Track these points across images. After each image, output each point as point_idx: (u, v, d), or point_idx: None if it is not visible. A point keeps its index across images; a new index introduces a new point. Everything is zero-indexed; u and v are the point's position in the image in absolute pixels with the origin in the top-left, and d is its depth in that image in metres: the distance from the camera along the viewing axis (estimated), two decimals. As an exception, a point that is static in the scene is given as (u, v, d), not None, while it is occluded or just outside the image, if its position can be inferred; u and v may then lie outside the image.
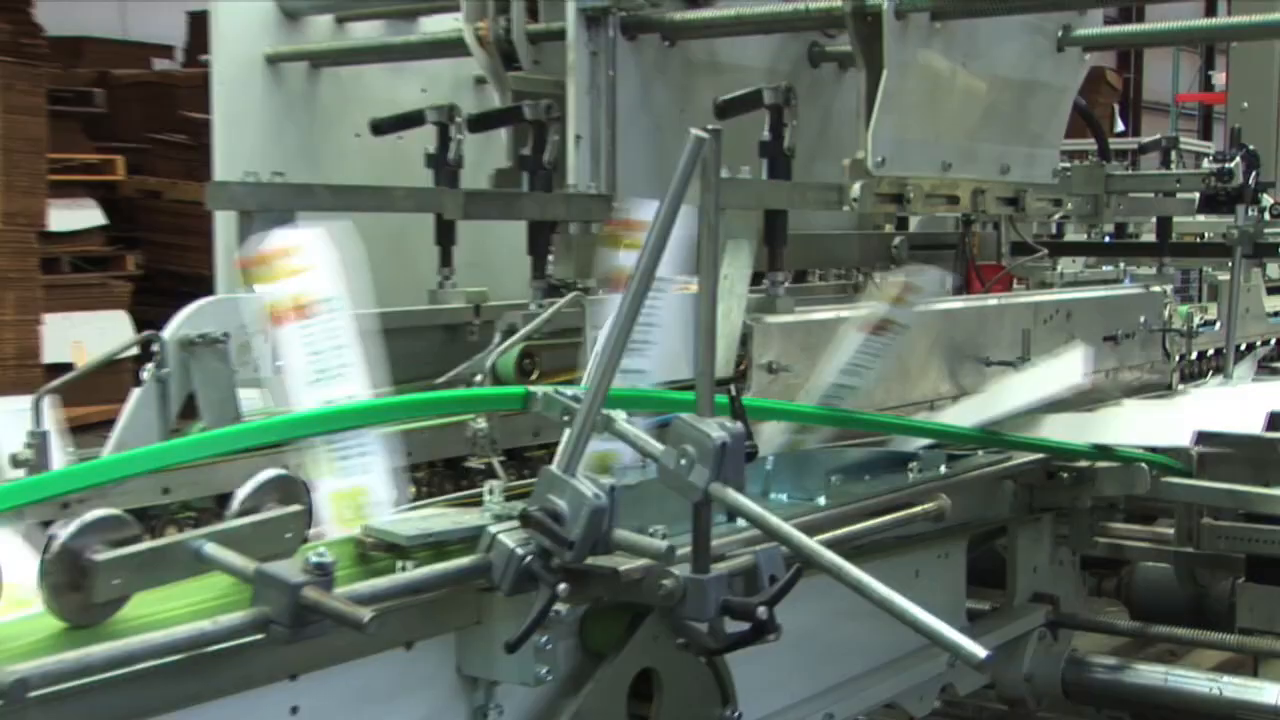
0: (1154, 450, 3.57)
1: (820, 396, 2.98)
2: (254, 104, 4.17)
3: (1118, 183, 5.29)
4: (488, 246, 4.11)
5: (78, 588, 1.88)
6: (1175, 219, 6.03)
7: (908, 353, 3.39)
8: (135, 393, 3.11)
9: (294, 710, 2.08)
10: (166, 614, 1.96)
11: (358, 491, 2.36)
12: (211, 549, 1.99)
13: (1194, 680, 3.93)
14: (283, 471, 2.16)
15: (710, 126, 2.20)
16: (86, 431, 3.38)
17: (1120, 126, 17.60)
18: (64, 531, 1.87)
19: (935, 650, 3.19)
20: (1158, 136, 6.71)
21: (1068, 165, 4.78)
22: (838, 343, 2.97)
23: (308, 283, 2.38)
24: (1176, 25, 4.90)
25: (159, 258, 11.34)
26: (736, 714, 2.57)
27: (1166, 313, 4.57)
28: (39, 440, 2.81)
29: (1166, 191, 5.79)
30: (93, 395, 3.71)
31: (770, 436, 2.95)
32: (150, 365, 3.12)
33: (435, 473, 3.35)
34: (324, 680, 2.11)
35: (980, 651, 2.11)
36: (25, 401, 2.87)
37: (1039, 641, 3.89)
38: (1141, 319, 4.37)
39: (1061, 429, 3.51)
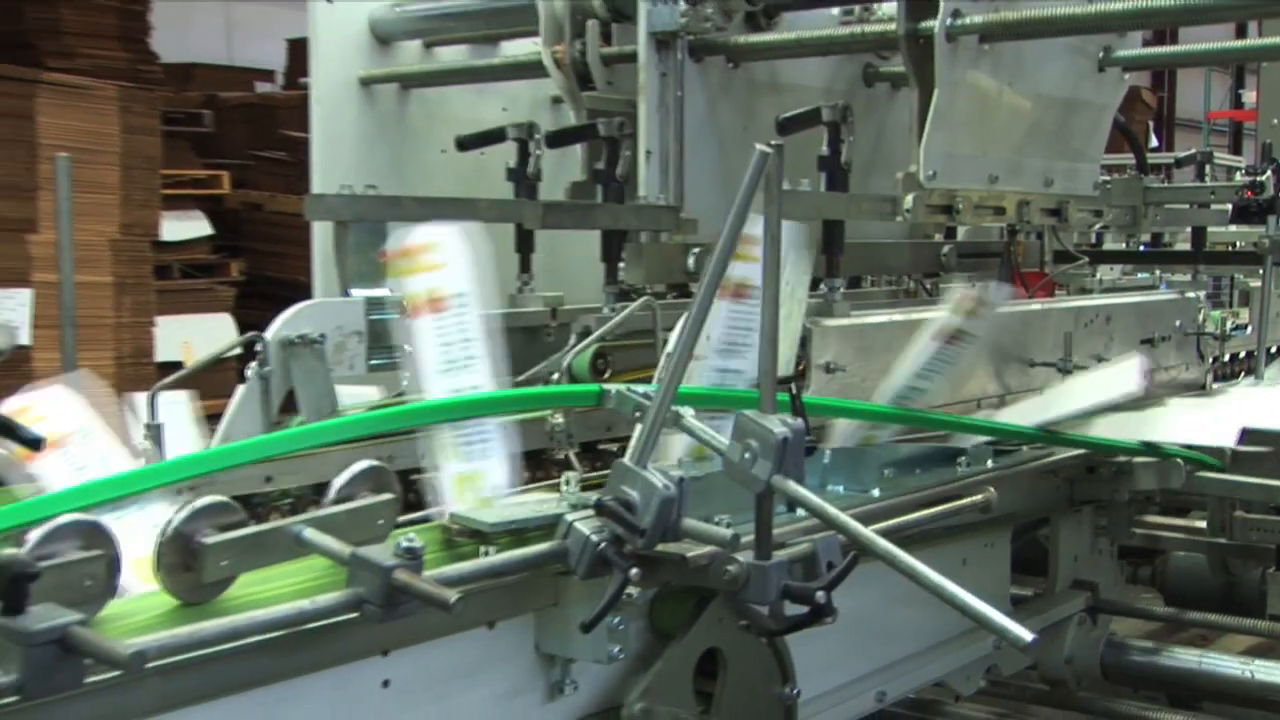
0: (1191, 447, 3.54)
1: (892, 397, 2.97)
2: (349, 123, 4.19)
3: (1155, 194, 5.25)
4: (564, 254, 4.11)
5: (189, 568, 1.90)
6: (1209, 229, 5.98)
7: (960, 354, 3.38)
8: (240, 389, 3.14)
9: (385, 683, 2.09)
10: (269, 593, 1.97)
11: (477, 475, 2.36)
12: (310, 534, 2.00)
13: (1227, 664, 3.90)
14: (376, 463, 2.17)
15: (773, 142, 2.20)
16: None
17: (1155, 142, 17.43)
18: (177, 516, 1.89)
19: (981, 633, 3.19)
20: (1193, 151, 6.65)
21: (1107, 178, 4.74)
22: (911, 348, 2.96)
23: (442, 278, 2.38)
24: (1209, 46, 4.87)
25: (260, 265, 11.41)
26: (795, 691, 2.56)
27: (1200, 317, 4.53)
28: (154, 432, 2.84)
29: (1201, 203, 5.74)
30: (201, 391, 3.73)
31: (843, 432, 2.94)
32: (254, 364, 3.15)
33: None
34: (413, 656, 2.12)
35: (1026, 635, 2.09)
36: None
37: (1079, 626, 3.86)
38: (1177, 323, 4.33)
39: (1109, 427, 3.48)
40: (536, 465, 3.30)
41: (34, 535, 1.76)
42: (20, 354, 8.27)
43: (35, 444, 1.60)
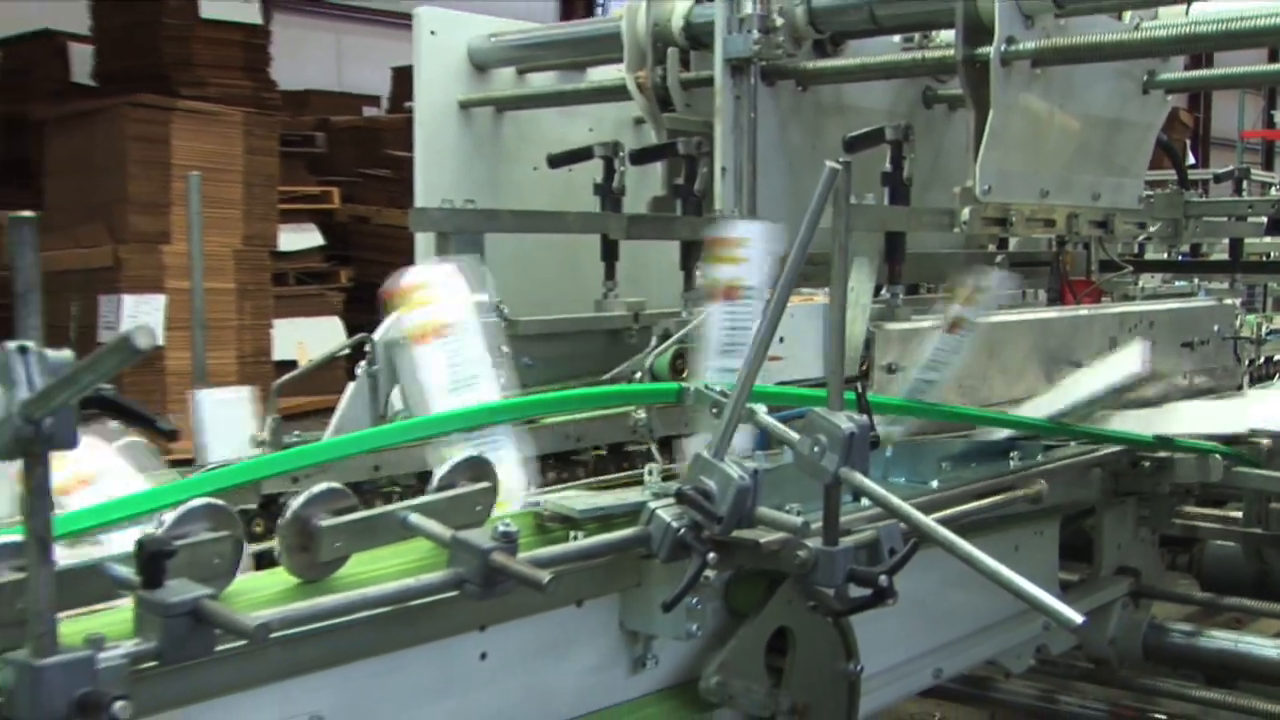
0: (1213, 438, 3.49)
1: (908, 391, 2.95)
2: (449, 143, 4.21)
3: (1195, 208, 5.18)
4: (646, 262, 4.11)
5: (306, 549, 1.91)
6: (1246, 240, 5.90)
7: (1011, 355, 3.35)
8: (350, 386, 3.16)
9: (483, 656, 2.10)
10: (378, 572, 1.98)
11: None
12: (415, 518, 2.00)
13: (1261, 646, 3.84)
14: (475, 454, 2.17)
15: (841, 159, 2.19)
16: (309, 417, 3.44)
17: (1192, 159, 17.22)
18: (295, 501, 1.91)
19: (1031, 615, 3.17)
20: (1231, 168, 6.57)
21: (1151, 193, 4.68)
22: (919, 343, 2.93)
23: (440, 310, 2.39)
24: (1244, 70, 4.79)
25: (366, 272, 11.49)
26: (859, 668, 2.54)
27: (1237, 322, 4.47)
28: (275, 424, 2.86)
29: (1239, 216, 5.66)
30: (314, 388, 3.78)
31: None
32: (363, 363, 3.17)
33: (602, 456, 3.37)
34: (508, 631, 2.12)
35: (1076, 617, 2.06)
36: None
37: (1122, 609, 3.82)
38: (1215, 328, 4.27)
39: (1132, 423, 3.44)
40: (621, 457, 3.31)
41: (169, 517, 1.78)
42: (155, 353, 8.40)
43: (171, 435, 1.61)
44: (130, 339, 1.37)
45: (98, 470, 1.88)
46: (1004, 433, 3.15)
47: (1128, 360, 3.41)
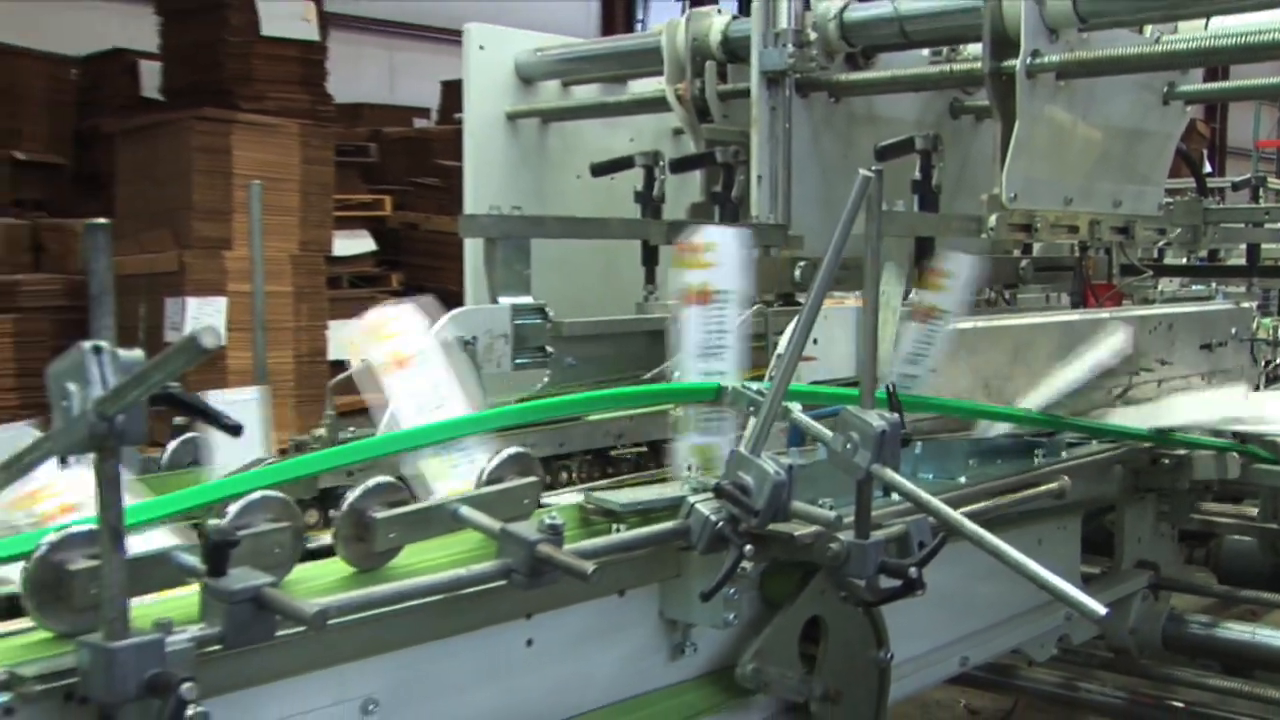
0: (1206, 430, 3.46)
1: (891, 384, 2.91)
2: (497, 152, 4.21)
3: (1214, 215, 5.14)
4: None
5: (362, 539, 1.91)
6: (1263, 245, 5.85)
7: (1035, 356, 3.33)
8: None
9: (529, 643, 2.10)
10: (430, 562, 1.98)
11: (712, 448, 2.36)
12: (465, 511, 2.01)
13: (1277, 637, 3.81)
14: (522, 449, 2.17)
15: (874, 168, 2.18)
16: (362, 415, 3.43)
17: (1208, 168, 17.08)
18: (351, 494, 1.91)
19: (1053, 606, 3.14)
20: (1248, 176, 6.51)
21: (1170, 200, 4.64)
22: (897, 339, 2.89)
23: (404, 342, 2.41)
24: (1260, 82, 4.74)
25: (416, 277, 11.52)
26: (889, 656, 2.53)
27: (1254, 325, 4.42)
28: (331, 420, 2.87)
29: (1256, 222, 5.61)
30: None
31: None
32: (414, 363, 3.17)
33: (643, 452, 3.37)
34: (553, 619, 2.12)
35: (1100, 608, 2.05)
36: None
37: (1142, 601, 3.79)
38: (1233, 330, 4.23)
39: (1132, 418, 3.41)
40: (661, 453, 3.30)
41: (233, 508, 1.79)
42: (218, 352, 8.45)
43: (235, 431, 1.61)
44: (197, 339, 1.38)
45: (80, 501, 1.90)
46: (1004, 428, 3.11)
47: (1110, 341, 3.37)
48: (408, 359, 2.38)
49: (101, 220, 1.53)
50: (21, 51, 11.69)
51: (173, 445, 2.69)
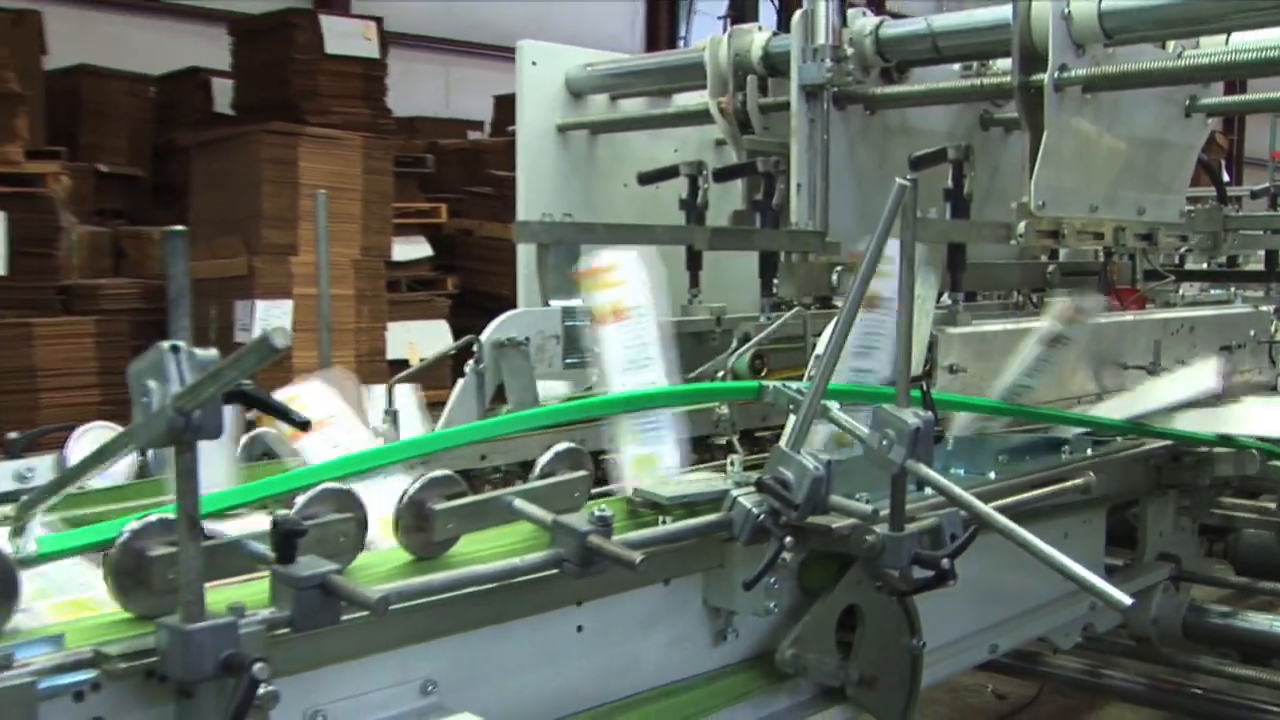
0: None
1: (1003, 393, 2.90)
2: (548, 162, 4.21)
3: (1233, 222, 5.07)
4: (727, 271, 4.08)
5: (422, 529, 1.91)
6: (1280, 251, 5.78)
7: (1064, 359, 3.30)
8: (459, 383, 3.17)
9: (579, 629, 2.09)
10: (485, 552, 1.99)
11: (654, 458, 2.35)
12: (519, 503, 2.00)
13: (1295, 627, 3.77)
14: (572, 445, 2.17)
15: (909, 176, 2.16)
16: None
17: (1226, 177, 16.88)
18: (412, 487, 1.91)
19: (1079, 596, 3.12)
20: (1266, 185, 6.43)
21: (1191, 208, 4.59)
22: (1020, 351, 2.89)
23: (623, 294, 2.37)
24: (1278, 95, 4.67)
25: (470, 280, 11.54)
26: (921, 643, 2.50)
27: (1272, 327, 4.37)
28: (392, 417, 2.87)
29: (1274, 229, 5.54)
30: (424, 384, 3.77)
31: (961, 423, 2.89)
32: (471, 362, 3.18)
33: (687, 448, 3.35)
34: (602, 606, 2.12)
35: (1126, 599, 2.04)
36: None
37: (1164, 592, 3.76)
38: (1251, 332, 4.19)
39: (1190, 422, 3.37)
40: (704, 449, 3.29)
41: (300, 500, 1.79)
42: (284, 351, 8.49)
43: (304, 425, 1.62)
44: (269, 339, 1.38)
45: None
46: (1056, 428, 3.10)
47: (1203, 377, 3.35)
48: (626, 311, 2.35)
49: (179, 228, 1.53)
50: (107, 72, 11.83)
51: (244, 440, 2.70)
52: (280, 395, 2.31)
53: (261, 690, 1.51)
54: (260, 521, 1.79)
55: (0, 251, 9.08)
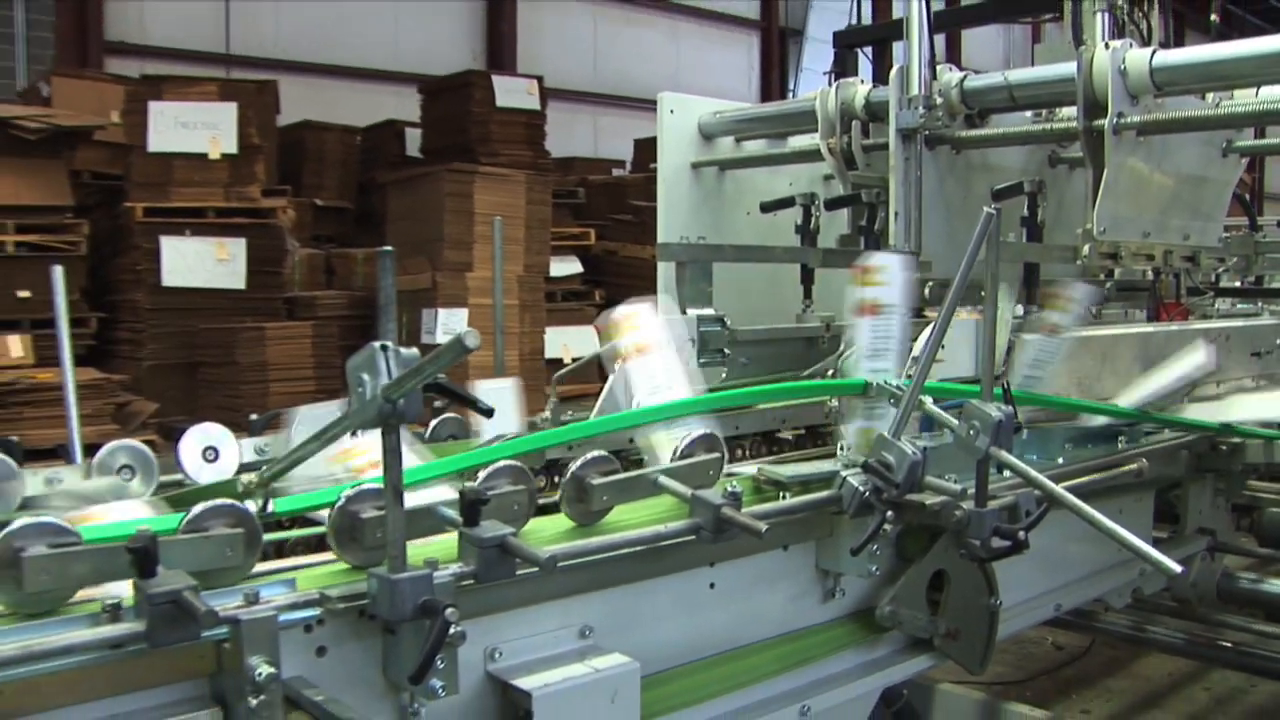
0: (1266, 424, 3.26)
1: (1016, 386, 2.77)
2: (683, 194, 4.15)
3: (1263, 246, 4.86)
4: (835, 286, 3.97)
5: (581, 500, 1.89)
6: (1304, 271, 5.50)
7: (1119, 361, 3.15)
8: (610, 379, 3.12)
9: (712, 585, 2.06)
10: (634, 520, 1.96)
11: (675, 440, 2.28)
12: (663, 479, 1.97)
13: (1313, 592, 3.60)
14: (708, 430, 2.11)
15: (995, 206, 2.07)
16: (572, 402, 3.40)
17: (1250, 209, 16.22)
18: (574, 465, 1.88)
19: (1131, 563, 3.03)
20: (1288, 216, 6.12)
21: (1227, 234, 4.38)
22: (1023, 347, 2.76)
23: (644, 334, 2.37)
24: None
25: (614, 293, 11.54)
26: (998, 602, 2.40)
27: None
28: (555, 405, 2.84)
29: (1298, 253, 5.27)
30: (578, 379, 3.73)
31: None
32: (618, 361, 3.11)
33: (802, 434, 3.30)
34: (732, 567, 2.08)
35: (1176, 567, 1.99)
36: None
37: (1201, 561, 3.62)
38: (1277, 341, 3.98)
39: (1196, 411, 3.25)
40: (817, 436, 3.23)
41: (483, 474, 1.78)
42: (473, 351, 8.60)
43: (488, 413, 1.58)
44: (462, 340, 1.36)
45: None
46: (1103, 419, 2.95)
47: (1195, 356, 3.18)
48: (647, 347, 2.33)
49: (388, 248, 1.53)
50: (323, 126, 12.13)
51: (434, 423, 2.68)
52: (618, 313, 2.37)
53: (451, 630, 1.52)
54: (446, 492, 1.77)
55: (241, 270, 9.34)
